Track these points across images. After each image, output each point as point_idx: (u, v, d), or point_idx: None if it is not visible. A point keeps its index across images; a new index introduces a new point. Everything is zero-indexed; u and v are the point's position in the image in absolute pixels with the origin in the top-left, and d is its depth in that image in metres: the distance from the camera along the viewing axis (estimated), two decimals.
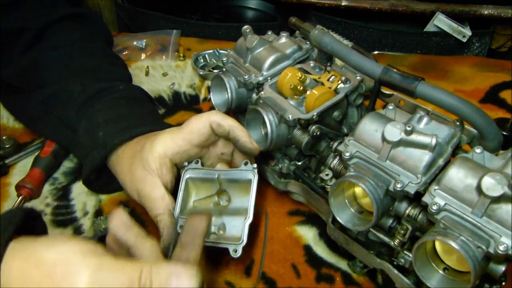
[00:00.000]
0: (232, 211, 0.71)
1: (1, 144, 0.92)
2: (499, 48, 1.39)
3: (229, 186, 0.72)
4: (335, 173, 0.68)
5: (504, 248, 0.49)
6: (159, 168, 0.71)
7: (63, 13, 0.90)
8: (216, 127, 0.70)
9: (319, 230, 0.78)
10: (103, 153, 0.74)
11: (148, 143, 0.72)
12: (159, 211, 0.69)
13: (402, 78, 0.60)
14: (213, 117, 0.70)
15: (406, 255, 0.60)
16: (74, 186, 0.87)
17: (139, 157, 0.72)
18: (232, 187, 0.72)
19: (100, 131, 0.77)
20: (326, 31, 0.71)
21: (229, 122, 0.70)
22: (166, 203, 0.69)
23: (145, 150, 0.71)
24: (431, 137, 0.57)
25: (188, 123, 0.72)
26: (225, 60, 0.86)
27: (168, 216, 0.68)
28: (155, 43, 1.30)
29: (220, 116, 0.70)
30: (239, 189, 0.72)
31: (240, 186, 0.71)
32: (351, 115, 0.77)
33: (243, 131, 0.70)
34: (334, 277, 0.71)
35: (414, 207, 0.59)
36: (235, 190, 0.72)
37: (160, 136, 0.72)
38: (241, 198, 0.71)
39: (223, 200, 0.72)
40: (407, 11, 1.29)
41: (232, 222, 0.69)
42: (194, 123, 0.71)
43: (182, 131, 0.71)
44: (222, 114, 0.71)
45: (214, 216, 0.70)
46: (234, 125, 0.70)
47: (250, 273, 0.72)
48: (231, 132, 0.70)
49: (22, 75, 0.87)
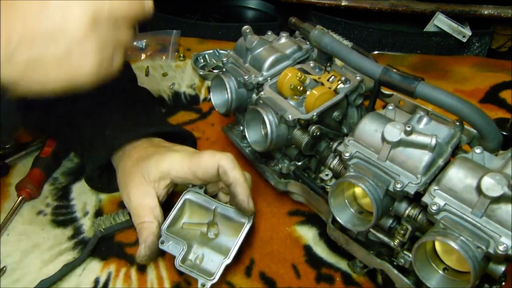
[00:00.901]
0: (216, 246, 0.70)
1: (1, 144, 0.92)
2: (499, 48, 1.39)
3: (221, 220, 0.72)
4: (335, 173, 0.68)
5: (504, 248, 0.49)
6: (157, 181, 0.71)
7: None
8: (222, 173, 0.69)
9: (319, 230, 0.78)
10: (109, 151, 0.75)
11: (155, 156, 0.72)
12: (147, 219, 0.69)
13: (402, 78, 0.60)
14: (223, 162, 0.69)
15: (406, 255, 0.60)
16: (74, 186, 0.87)
17: (142, 165, 0.72)
18: (224, 223, 0.72)
19: (106, 130, 0.77)
20: (326, 31, 0.71)
21: (235, 174, 0.68)
22: (156, 214, 0.70)
23: (151, 161, 0.72)
24: (431, 137, 0.57)
25: (200, 157, 0.70)
26: (225, 60, 0.86)
27: (156, 226, 0.69)
28: (155, 43, 1.31)
29: (230, 165, 0.69)
30: (230, 227, 0.71)
31: (231, 225, 0.71)
32: (351, 115, 0.76)
33: (244, 188, 0.68)
34: (334, 277, 0.71)
35: (414, 207, 0.59)
36: (226, 227, 0.72)
37: (170, 155, 0.72)
38: (229, 236, 0.71)
39: (211, 232, 0.72)
40: (407, 11, 1.29)
41: (211, 256, 0.69)
42: (205, 160, 0.70)
43: (191, 162, 0.70)
44: (233, 163, 0.69)
45: (196, 245, 0.70)
46: (239, 180, 0.68)
47: (250, 273, 0.72)
48: (233, 186, 0.68)
49: None
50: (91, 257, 0.74)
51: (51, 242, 0.77)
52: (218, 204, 0.72)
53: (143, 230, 0.68)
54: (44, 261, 0.74)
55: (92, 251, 0.74)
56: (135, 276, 0.72)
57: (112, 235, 0.77)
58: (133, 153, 0.75)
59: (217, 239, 0.71)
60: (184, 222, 0.73)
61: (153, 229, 0.68)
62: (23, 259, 0.74)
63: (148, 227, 0.68)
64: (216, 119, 1.03)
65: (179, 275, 0.71)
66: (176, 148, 0.75)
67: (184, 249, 0.67)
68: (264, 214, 0.81)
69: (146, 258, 0.67)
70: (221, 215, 0.72)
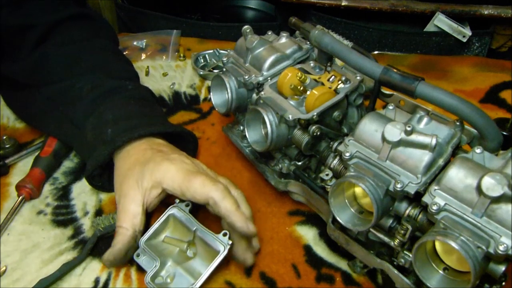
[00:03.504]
0: (190, 267, 0.70)
1: (1, 144, 0.92)
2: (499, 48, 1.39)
3: (200, 243, 0.70)
4: (335, 173, 0.68)
5: (504, 248, 0.49)
6: (149, 189, 0.71)
7: (72, 12, 0.90)
8: (212, 204, 0.67)
9: (319, 230, 0.78)
10: (111, 148, 0.75)
11: (151, 164, 0.72)
12: (125, 225, 0.69)
13: (402, 78, 0.60)
14: (213, 194, 0.66)
15: (406, 255, 0.60)
16: (74, 186, 0.87)
17: (138, 169, 0.72)
18: (201, 246, 0.70)
19: (109, 128, 0.77)
20: (326, 31, 0.71)
21: (226, 205, 0.66)
22: (135, 222, 0.70)
23: (146, 168, 0.72)
24: (431, 137, 0.57)
25: (191, 182, 0.68)
26: (225, 60, 0.86)
27: (130, 234, 0.69)
28: (155, 43, 1.31)
29: (220, 196, 0.66)
30: (207, 252, 0.69)
31: (208, 250, 0.69)
32: (351, 115, 0.76)
33: (239, 216, 0.66)
34: (334, 277, 0.71)
35: (414, 207, 0.59)
36: (203, 251, 0.70)
37: (165, 165, 0.71)
38: (203, 260, 0.70)
39: (190, 251, 0.71)
40: (407, 11, 1.29)
41: (182, 278, 0.68)
42: (194, 187, 0.68)
43: (183, 182, 0.69)
44: (223, 193, 0.67)
45: (171, 262, 0.70)
46: (231, 210, 0.66)
47: (250, 273, 0.72)
48: (227, 218, 0.66)
49: (30, 71, 0.87)
50: (91, 257, 0.74)
51: (51, 242, 0.77)
52: (198, 227, 0.70)
53: (117, 235, 0.69)
54: (44, 261, 0.74)
55: (91, 250, 0.74)
56: (135, 276, 0.72)
57: (111, 234, 0.77)
58: (132, 154, 0.75)
59: (192, 261, 0.70)
60: (166, 236, 0.72)
61: (126, 237, 0.68)
62: (23, 259, 0.74)
63: (122, 233, 0.69)
64: (216, 119, 1.03)
65: None
66: (174, 157, 0.74)
67: (157, 266, 0.67)
68: (264, 214, 0.81)
69: (108, 263, 0.68)
70: (200, 238, 0.70)
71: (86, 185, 0.86)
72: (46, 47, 0.86)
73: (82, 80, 0.83)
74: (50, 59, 0.86)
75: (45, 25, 0.86)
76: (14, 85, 0.92)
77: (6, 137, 0.92)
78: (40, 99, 0.87)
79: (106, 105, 0.81)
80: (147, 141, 0.77)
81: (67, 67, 0.86)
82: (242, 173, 0.89)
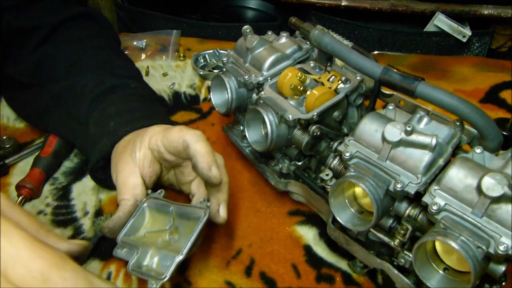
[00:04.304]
0: (174, 247, 0.65)
1: (1, 144, 0.92)
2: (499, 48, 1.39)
3: (180, 221, 0.68)
4: (335, 173, 0.68)
5: (504, 248, 0.49)
6: (141, 159, 0.72)
7: (75, 12, 0.91)
8: (185, 147, 0.67)
9: (319, 230, 0.78)
10: (113, 139, 0.76)
11: (142, 133, 0.73)
12: (125, 196, 0.69)
13: (402, 78, 0.60)
14: (188, 137, 0.67)
15: (406, 255, 0.60)
16: (74, 186, 0.87)
17: (131, 144, 0.73)
18: (182, 223, 0.68)
19: (112, 121, 0.78)
20: (326, 31, 0.71)
21: (196, 147, 0.65)
22: (136, 192, 0.70)
23: (138, 138, 0.73)
24: (431, 137, 0.57)
25: (170, 131, 0.70)
26: (225, 60, 0.86)
27: (131, 204, 0.68)
28: (155, 43, 1.31)
29: (193, 139, 0.66)
30: (188, 226, 0.66)
31: (189, 224, 0.66)
32: (351, 115, 0.76)
33: (205, 157, 0.65)
34: (334, 277, 0.71)
35: (414, 207, 0.59)
36: (184, 227, 0.67)
37: (153, 127, 0.73)
38: (186, 236, 0.64)
39: (174, 238, 0.67)
40: (407, 11, 1.29)
41: (167, 258, 0.63)
42: (172, 134, 0.69)
43: (164, 134, 0.70)
44: (198, 137, 0.66)
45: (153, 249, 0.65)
46: (200, 152, 0.65)
47: (250, 273, 0.72)
48: (193, 158, 0.66)
49: (34, 70, 0.87)
50: (91, 257, 0.74)
51: None
52: (175, 205, 0.68)
53: (119, 206, 0.69)
54: None
55: (92, 251, 0.74)
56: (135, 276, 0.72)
57: None
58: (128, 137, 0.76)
59: (175, 242, 0.67)
60: (146, 232, 0.69)
61: (127, 206, 0.68)
62: None
63: (123, 204, 0.69)
64: (216, 119, 1.03)
65: (179, 276, 0.71)
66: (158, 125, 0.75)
67: (138, 253, 0.63)
68: (264, 214, 0.81)
69: (108, 230, 0.66)
70: (179, 215, 0.68)
71: (86, 185, 0.86)
72: (48, 46, 0.87)
73: (85, 78, 0.84)
74: (52, 58, 0.86)
75: (49, 26, 0.87)
76: (16, 85, 0.92)
77: (6, 137, 0.92)
78: (43, 98, 0.87)
79: (109, 101, 0.81)
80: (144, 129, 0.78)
81: (69, 66, 0.86)
82: (242, 173, 0.89)
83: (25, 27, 0.85)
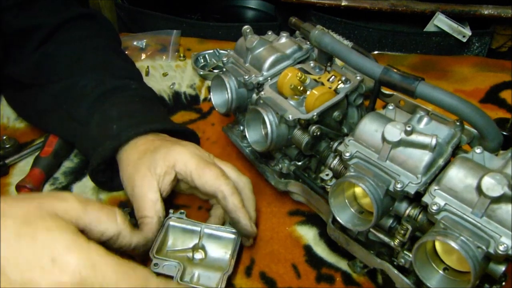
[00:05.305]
0: (207, 265, 0.70)
1: (1, 144, 0.92)
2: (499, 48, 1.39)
3: (208, 240, 0.72)
4: (335, 173, 0.68)
5: (504, 248, 0.49)
6: (162, 175, 0.71)
7: (76, 12, 0.91)
8: (220, 198, 0.69)
9: (319, 230, 0.78)
10: (116, 143, 0.75)
11: (163, 149, 0.72)
12: (149, 214, 0.69)
13: (402, 78, 0.60)
14: (224, 188, 0.69)
15: (406, 255, 0.60)
16: (74, 186, 0.87)
17: (149, 157, 0.72)
18: (211, 242, 0.72)
19: (113, 124, 0.78)
20: (326, 31, 0.71)
21: (234, 201, 0.69)
22: (157, 209, 0.70)
23: (158, 154, 0.72)
24: (431, 137, 0.57)
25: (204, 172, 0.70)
26: (225, 60, 0.86)
27: (156, 222, 0.69)
28: (155, 43, 1.31)
29: (230, 191, 0.69)
30: (218, 245, 0.72)
31: (219, 243, 0.72)
32: (351, 115, 0.76)
33: (245, 214, 0.69)
34: (334, 277, 0.71)
35: (414, 207, 0.59)
36: (213, 245, 0.72)
37: (178, 149, 0.72)
38: (217, 255, 0.71)
39: (197, 255, 0.70)
40: (407, 11, 1.30)
41: (206, 275, 0.68)
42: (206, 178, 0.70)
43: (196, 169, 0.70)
44: (233, 189, 0.69)
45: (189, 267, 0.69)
46: (238, 207, 0.69)
47: (250, 273, 0.72)
48: (233, 213, 0.69)
49: (34, 70, 0.87)
50: None
51: None
52: (203, 225, 0.72)
53: (144, 225, 0.68)
54: None
55: None
56: None
57: None
58: (139, 145, 0.75)
59: (206, 260, 0.70)
60: (168, 250, 0.71)
61: (153, 225, 0.68)
62: None
63: (148, 222, 0.68)
64: (216, 119, 1.03)
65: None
66: (183, 143, 0.76)
67: (181, 269, 0.66)
68: (264, 214, 0.81)
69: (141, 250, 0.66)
70: (207, 235, 0.72)
71: (86, 185, 0.86)
72: (49, 46, 0.87)
73: (85, 78, 0.84)
74: (53, 58, 0.86)
75: (50, 26, 0.87)
76: (16, 85, 0.92)
77: (6, 137, 0.92)
78: (43, 98, 0.87)
79: (110, 103, 0.81)
80: (152, 135, 0.78)
81: (70, 66, 0.86)
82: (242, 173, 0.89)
83: (26, 27, 0.86)
